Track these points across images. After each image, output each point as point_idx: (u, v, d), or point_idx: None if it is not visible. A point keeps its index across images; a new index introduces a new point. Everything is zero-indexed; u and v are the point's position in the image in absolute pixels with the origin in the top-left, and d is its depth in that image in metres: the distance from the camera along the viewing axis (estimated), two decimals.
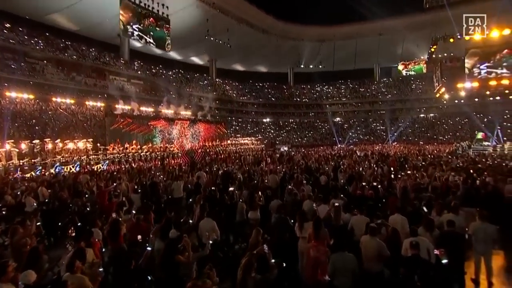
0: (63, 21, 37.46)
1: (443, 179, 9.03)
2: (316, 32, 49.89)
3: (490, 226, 5.07)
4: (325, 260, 4.13)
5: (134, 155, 21.41)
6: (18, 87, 26.55)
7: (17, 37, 30.90)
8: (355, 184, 8.53)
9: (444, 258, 3.85)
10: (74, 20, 37.47)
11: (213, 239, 5.31)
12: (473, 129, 41.93)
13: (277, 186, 9.52)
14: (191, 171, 12.40)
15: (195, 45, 45.94)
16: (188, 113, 43.20)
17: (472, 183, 9.29)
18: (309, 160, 18.18)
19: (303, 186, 8.93)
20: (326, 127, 54.48)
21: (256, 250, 3.45)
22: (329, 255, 4.16)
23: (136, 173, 13.04)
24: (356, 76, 58.39)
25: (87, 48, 38.91)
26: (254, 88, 59.18)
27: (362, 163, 15.58)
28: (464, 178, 10.31)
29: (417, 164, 14.01)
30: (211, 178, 10.45)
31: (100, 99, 33.70)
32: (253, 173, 11.98)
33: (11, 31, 31.11)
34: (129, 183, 9.34)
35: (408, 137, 46.62)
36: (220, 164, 17.56)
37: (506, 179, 8.69)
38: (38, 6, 33.52)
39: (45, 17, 35.74)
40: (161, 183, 9.71)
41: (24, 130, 22.45)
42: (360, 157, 19.47)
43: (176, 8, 38.65)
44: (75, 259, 3.61)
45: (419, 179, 9.45)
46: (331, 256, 4.13)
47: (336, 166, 12.88)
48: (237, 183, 9.67)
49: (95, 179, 10.47)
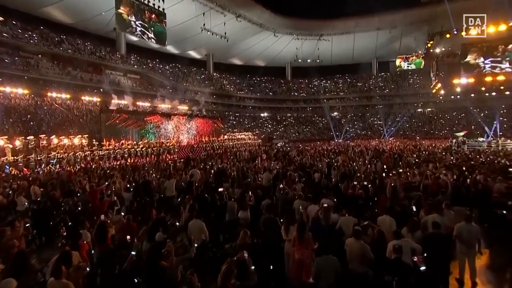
0: (58, 14, 36.99)
1: (433, 177, 9.07)
2: (314, 27, 49.54)
3: (473, 227, 5.13)
4: (310, 263, 4.19)
5: (130, 150, 21.37)
6: (13, 82, 26.35)
7: (10, 30, 30.51)
8: (347, 183, 8.58)
9: (422, 265, 3.89)
10: (69, 13, 37.02)
11: (201, 240, 5.36)
12: (470, 124, 42.14)
13: (270, 185, 9.55)
14: (185, 168, 12.41)
15: (192, 39, 45.61)
16: (185, 108, 43.17)
17: (462, 181, 9.36)
18: (305, 156, 18.22)
19: (295, 185, 8.97)
20: (323, 122, 54.50)
21: (236, 256, 3.48)
22: (313, 258, 4.21)
23: (130, 170, 13.03)
24: (354, 70, 58.29)
25: (82, 42, 38.54)
26: (252, 82, 58.97)
27: (357, 159, 15.63)
28: (455, 177, 10.41)
29: (411, 161, 14.07)
30: (204, 176, 10.47)
31: (96, 94, 33.52)
32: (247, 171, 12.00)
33: (4, 24, 30.68)
34: (121, 181, 9.34)
35: (406, 132, 46.75)
36: (215, 160, 17.62)
37: (496, 177, 8.75)
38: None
39: (39, 10, 35.21)
40: (153, 181, 9.72)
41: (19, 126, 22.31)
42: (356, 153, 19.54)
43: (173, 1, 38.21)
44: (60, 264, 3.63)
45: (410, 178, 9.50)
46: (316, 259, 4.19)
47: (329, 164, 12.91)
48: (230, 181, 9.69)
49: (88, 177, 10.46)
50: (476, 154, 16.53)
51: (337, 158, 15.77)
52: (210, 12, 39.66)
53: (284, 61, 60.08)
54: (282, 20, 47.96)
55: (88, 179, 9.97)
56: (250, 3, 42.94)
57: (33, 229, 6.93)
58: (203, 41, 44.91)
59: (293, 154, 19.89)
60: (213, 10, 40.39)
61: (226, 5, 41.25)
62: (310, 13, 47.83)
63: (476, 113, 41.72)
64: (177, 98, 41.55)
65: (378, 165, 13.23)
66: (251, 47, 52.43)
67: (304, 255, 4.16)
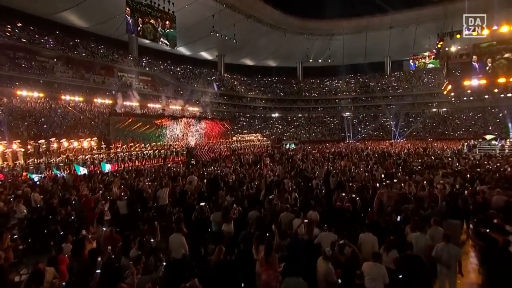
0: (74, 19, 38.01)
1: (428, 189, 8.82)
2: (325, 26, 49.04)
3: (453, 248, 5.00)
4: (276, 285, 4.21)
5: (138, 153, 21.78)
6: (29, 85, 27.40)
7: (28, 36, 31.75)
8: (337, 194, 8.47)
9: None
10: (84, 17, 37.97)
11: (181, 254, 5.45)
12: (487, 124, 40.67)
13: (261, 194, 9.51)
14: (183, 175, 12.52)
15: (203, 40, 45.90)
16: (196, 109, 43.65)
17: (461, 192, 9.08)
18: (309, 160, 18.07)
19: (289, 195, 8.93)
20: (335, 122, 53.92)
21: (188, 283, 3.54)
22: (280, 280, 4.23)
23: (134, 175, 13.28)
24: (366, 69, 57.27)
25: (96, 45, 39.65)
26: (263, 82, 58.99)
27: (359, 163, 15.38)
28: (458, 186, 10.09)
29: (414, 168, 13.72)
30: (199, 184, 10.57)
31: (108, 96, 34.41)
32: (244, 177, 12.03)
33: (23, 30, 31.98)
34: (117, 189, 9.55)
35: (419, 133, 45.62)
36: (220, 164, 17.73)
37: (495, 189, 8.43)
38: (49, 4, 33.92)
39: (55, 15, 36.32)
40: (149, 189, 9.90)
41: (33, 129, 23.15)
42: (362, 157, 19.23)
43: (183, 3, 38.60)
44: (31, 284, 3.78)
45: (406, 188, 9.25)
46: (284, 280, 4.20)
47: (328, 170, 12.78)
48: (225, 189, 9.72)
49: (86, 184, 10.76)
50: (484, 159, 15.88)
51: (340, 163, 15.58)
52: (220, 13, 39.81)
53: (295, 61, 59.71)
54: (293, 20, 47.75)
55: (87, 186, 10.26)
56: (260, 4, 42.99)
57: (29, 238, 7.20)
58: (214, 42, 45.13)
59: (298, 158, 19.76)
60: (223, 11, 40.52)
61: (237, 6, 41.35)
62: (321, 12, 47.39)
63: (493, 114, 40.24)
64: (187, 99, 42.14)
65: (379, 171, 13.00)
66: (262, 48, 52.35)
67: (270, 276, 4.19)
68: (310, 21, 48.56)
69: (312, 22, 48.71)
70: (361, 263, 4.65)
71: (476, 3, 24.12)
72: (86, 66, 35.61)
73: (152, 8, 30.11)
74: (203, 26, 41.49)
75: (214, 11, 39.40)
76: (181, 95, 42.98)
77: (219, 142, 28.76)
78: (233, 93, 52.04)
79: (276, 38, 50.00)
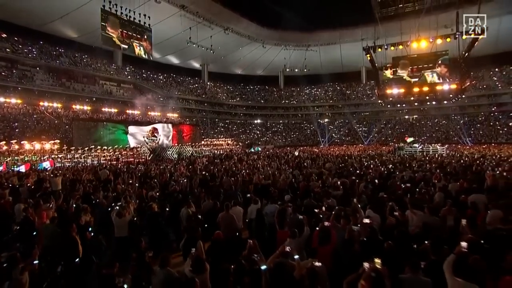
0: (63, 29, 39.45)
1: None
2: (300, 38, 51.53)
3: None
4: None
5: (99, 157, 23.38)
6: (7, 93, 29.69)
7: (12, 46, 34.08)
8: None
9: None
10: (73, 27, 39.42)
11: None
12: (449, 130, 42.79)
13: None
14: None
15: (185, 51, 48.09)
16: (175, 115, 45.95)
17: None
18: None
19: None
20: (311, 128, 56.08)
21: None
22: None
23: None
24: (344, 78, 59.68)
25: (80, 55, 42.05)
26: (245, 90, 61.38)
27: (271, 163, 16.67)
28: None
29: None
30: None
31: (87, 103, 36.74)
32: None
33: (7, 40, 34.28)
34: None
35: (388, 138, 47.64)
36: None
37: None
38: (38, 16, 35.14)
39: (45, 26, 37.61)
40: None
41: (4, 133, 25.23)
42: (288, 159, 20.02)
43: (161, 17, 41.02)
44: None
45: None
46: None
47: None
48: None
49: None
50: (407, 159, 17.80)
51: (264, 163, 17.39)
52: (197, 26, 42.20)
53: (277, 70, 62.15)
54: (269, 32, 50.18)
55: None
56: (236, 17, 45.35)
57: None
58: (197, 52, 47.08)
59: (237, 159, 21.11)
60: (200, 24, 42.96)
61: (213, 19, 43.74)
62: (296, 25, 49.83)
63: (455, 121, 42.42)
64: (166, 106, 44.41)
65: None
66: (243, 58, 54.77)
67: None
68: (286, 33, 51.01)
69: (289, 34, 51.15)
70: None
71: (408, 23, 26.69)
72: (67, 75, 37.90)
73: (129, 22, 31.95)
74: (182, 37, 43.92)
75: (192, 24, 41.82)
76: (161, 102, 45.23)
77: (179, 145, 30.69)
78: (214, 100, 54.35)
79: (255, 49, 52.48)
